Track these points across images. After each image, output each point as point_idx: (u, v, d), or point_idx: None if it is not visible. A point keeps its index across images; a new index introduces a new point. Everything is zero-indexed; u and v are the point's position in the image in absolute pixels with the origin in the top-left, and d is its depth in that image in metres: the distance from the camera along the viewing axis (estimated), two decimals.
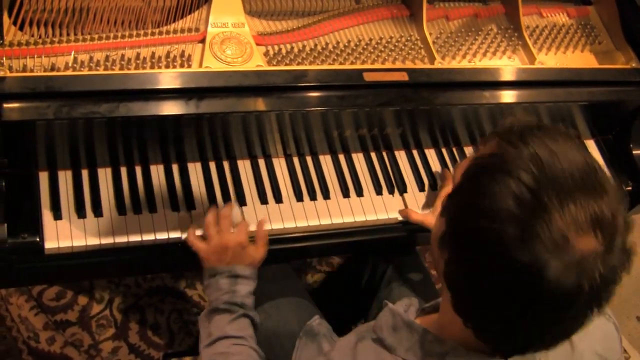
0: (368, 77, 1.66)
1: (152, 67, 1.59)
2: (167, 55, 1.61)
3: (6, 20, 1.57)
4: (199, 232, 1.59)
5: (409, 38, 1.82)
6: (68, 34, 1.59)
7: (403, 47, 1.80)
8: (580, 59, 1.99)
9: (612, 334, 1.24)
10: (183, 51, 1.63)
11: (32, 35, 1.58)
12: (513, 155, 0.92)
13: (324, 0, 1.83)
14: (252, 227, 1.61)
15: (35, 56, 1.53)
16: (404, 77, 1.68)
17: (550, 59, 1.94)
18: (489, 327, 0.99)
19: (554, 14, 2.03)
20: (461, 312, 1.01)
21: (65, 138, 1.55)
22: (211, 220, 1.57)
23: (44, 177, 1.60)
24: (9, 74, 1.46)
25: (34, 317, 2.22)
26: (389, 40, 1.81)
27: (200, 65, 1.61)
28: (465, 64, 1.84)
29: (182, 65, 1.61)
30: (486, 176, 0.93)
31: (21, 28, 1.58)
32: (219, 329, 1.44)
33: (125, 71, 1.55)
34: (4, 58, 1.50)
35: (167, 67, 1.60)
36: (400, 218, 1.76)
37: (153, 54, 1.61)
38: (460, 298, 1.01)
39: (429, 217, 1.72)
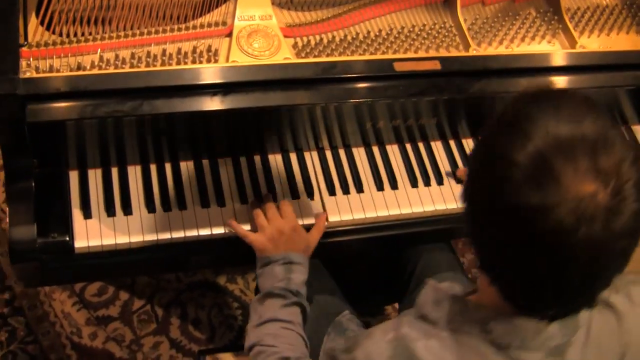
0: (399, 67, 1.61)
1: (178, 63, 1.57)
2: (194, 51, 1.59)
3: (33, 20, 1.58)
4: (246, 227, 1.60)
5: (442, 25, 1.77)
6: (93, 33, 1.59)
7: (437, 35, 1.75)
8: (626, 41, 1.90)
9: None
10: (210, 46, 1.60)
11: (61, 35, 1.58)
12: (530, 118, 0.95)
13: None
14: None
15: (62, 56, 1.53)
16: (436, 65, 1.63)
17: (592, 42, 1.85)
18: (513, 285, 1.02)
19: None
20: (487, 269, 1.04)
21: (93, 137, 1.55)
22: (259, 210, 1.58)
23: (74, 176, 1.61)
24: (35, 75, 1.47)
25: (76, 313, 2.24)
26: (422, 28, 1.75)
27: (227, 59, 1.59)
28: (502, 50, 1.77)
29: (208, 61, 1.59)
30: (504, 133, 0.97)
31: (48, 28, 1.59)
32: (271, 312, 1.45)
33: (151, 68, 1.54)
34: (31, 59, 1.50)
35: (193, 62, 1.58)
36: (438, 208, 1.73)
37: (179, 49, 1.59)
38: (484, 254, 1.03)
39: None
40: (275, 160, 1.72)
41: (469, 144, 1.84)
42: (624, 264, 0.98)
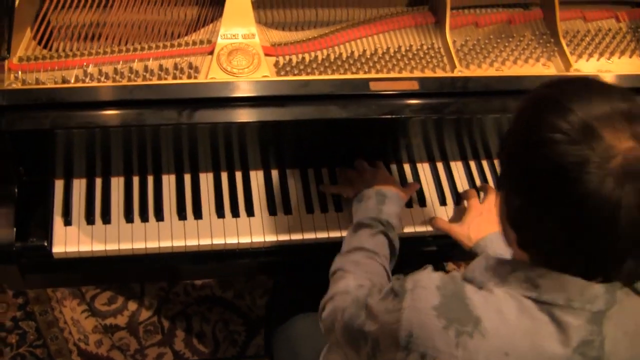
0: (374, 86, 1.62)
1: (158, 78, 1.62)
2: (175, 67, 1.64)
3: (27, 34, 1.66)
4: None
5: (430, 46, 1.77)
6: (81, 48, 1.66)
7: (423, 56, 1.74)
8: (629, 64, 1.85)
9: None
10: (190, 63, 1.65)
11: (50, 49, 1.66)
12: (568, 96, 1.01)
13: (341, 10, 1.81)
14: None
15: (49, 69, 1.60)
16: (413, 85, 1.63)
17: (590, 66, 1.81)
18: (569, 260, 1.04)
19: (601, 18, 1.91)
20: (530, 245, 1.08)
21: (72, 148, 1.61)
22: (350, 172, 1.75)
23: (59, 185, 1.68)
24: (19, 87, 1.55)
25: (85, 320, 2.32)
26: (408, 48, 1.75)
27: (206, 76, 1.63)
28: (491, 72, 1.76)
29: (189, 77, 1.63)
30: (542, 108, 1.03)
31: (40, 42, 1.67)
32: (358, 241, 1.52)
33: (124, 83, 1.59)
34: (19, 72, 1.58)
35: (174, 78, 1.63)
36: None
37: (161, 66, 1.64)
38: (530, 236, 1.07)
39: (455, 227, 1.67)
40: (256, 176, 1.76)
41: (457, 167, 1.84)
42: None
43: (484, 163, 1.86)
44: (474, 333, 1.04)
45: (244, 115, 1.56)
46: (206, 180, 1.73)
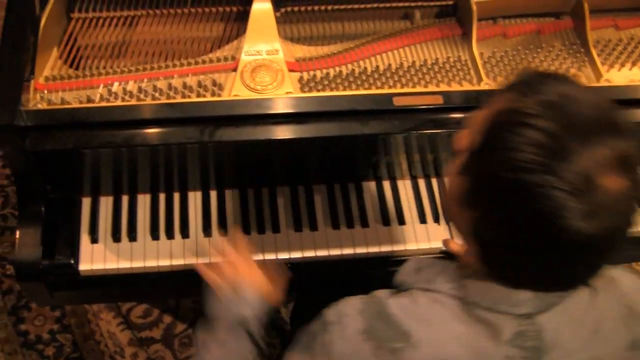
0: (398, 101, 1.61)
1: (182, 96, 1.63)
2: (199, 85, 1.65)
3: (54, 54, 1.69)
4: None
5: (457, 59, 1.74)
6: (107, 67, 1.68)
7: (449, 69, 1.72)
8: None
9: None
10: (214, 80, 1.66)
11: (77, 69, 1.68)
12: (527, 105, 0.94)
13: (367, 23, 1.81)
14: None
15: (74, 89, 1.63)
16: (437, 100, 1.62)
17: (622, 76, 1.75)
18: (519, 275, 1.03)
19: (634, 26, 1.86)
20: (491, 264, 1.04)
21: (97, 166, 1.64)
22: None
23: (86, 202, 1.70)
24: (45, 107, 1.57)
25: (120, 333, 2.35)
26: (435, 62, 1.73)
27: (230, 93, 1.63)
28: None
29: (212, 94, 1.64)
30: (504, 131, 0.95)
31: (66, 62, 1.69)
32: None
33: (148, 102, 1.60)
34: (45, 91, 1.61)
35: (197, 96, 1.64)
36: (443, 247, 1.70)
37: (184, 83, 1.65)
38: (490, 251, 1.03)
39: None
40: (283, 192, 1.75)
41: None
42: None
43: None
44: (406, 348, 1.04)
45: (266, 133, 1.56)
46: (231, 196, 1.73)
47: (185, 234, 1.67)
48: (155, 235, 1.67)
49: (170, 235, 1.67)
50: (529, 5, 1.84)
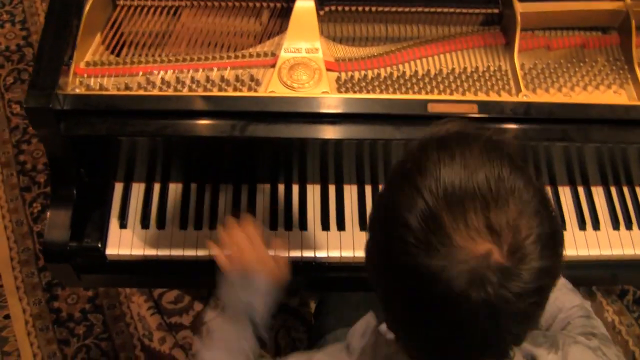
0: (432, 108, 1.59)
1: (219, 89, 1.64)
2: (236, 79, 1.66)
3: (97, 39, 1.71)
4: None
5: (497, 68, 1.72)
6: (148, 55, 1.70)
7: (489, 78, 1.70)
8: None
9: None
10: (252, 75, 1.66)
11: (118, 55, 1.70)
12: (422, 168, 0.91)
13: (411, 27, 1.79)
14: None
15: (114, 75, 1.65)
16: (472, 109, 1.60)
17: None
18: (406, 336, 1.00)
19: None
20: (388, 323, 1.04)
21: (131, 153, 1.66)
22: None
23: (118, 188, 1.73)
24: (83, 92, 1.60)
25: (150, 317, 2.38)
26: (474, 69, 1.72)
27: (266, 89, 1.64)
28: (558, 97, 1.70)
29: (249, 89, 1.65)
30: (399, 187, 0.93)
31: (108, 48, 1.72)
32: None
33: (185, 93, 1.61)
34: (85, 76, 1.63)
35: (234, 90, 1.64)
36: None
37: (222, 76, 1.66)
38: (382, 303, 1.01)
39: None
40: (313, 189, 1.75)
41: None
42: (534, 320, 0.93)
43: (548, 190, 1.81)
44: None
45: (297, 131, 1.56)
46: (262, 191, 1.74)
47: (213, 225, 1.69)
48: (183, 225, 1.69)
49: (198, 226, 1.69)
50: (576, 19, 1.80)
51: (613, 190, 1.82)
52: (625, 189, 1.83)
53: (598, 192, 1.81)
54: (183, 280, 1.89)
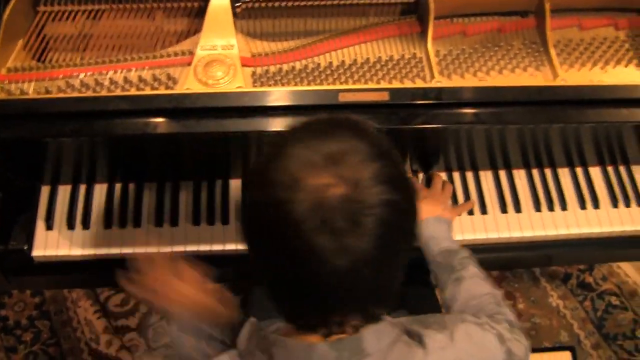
0: (344, 97, 1.62)
1: (137, 89, 1.66)
2: (154, 79, 1.69)
3: (19, 45, 1.74)
4: None
5: (412, 56, 1.75)
6: (67, 59, 1.72)
7: (403, 66, 1.73)
8: (624, 74, 1.77)
9: (486, 345, 1.19)
10: (169, 74, 1.69)
11: (39, 60, 1.73)
12: (285, 141, 1.00)
13: (329, 20, 1.82)
14: None
15: (34, 80, 1.67)
16: (383, 96, 1.63)
17: (581, 75, 1.74)
18: (271, 287, 1.04)
19: (598, 26, 1.85)
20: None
21: (53, 156, 1.68)
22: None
23: (45, 191, 1.76)
24: (4, 97, 1.62)
25: (96, 320, 2.41)
26: (389, 58, 1.75)
27: (182, 87, 1.66)
28: (473, 82, 1.73)
29: (166, 88, 1.67)
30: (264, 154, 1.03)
31: (31, 53, 1.74)
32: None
33: (103, 94, 1.64)
34: (6, 82, 1.66)
35: (151, 89, 1.66)
36: None
37: (140, 77, 1.68)
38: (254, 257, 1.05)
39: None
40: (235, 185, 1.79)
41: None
42: (387, 269, 0.98)
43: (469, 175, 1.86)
44: None
45: (210, 126, 1.59)
46: (185, 188, 1.78)
47: (137, 224, 1.72)
48: (108, 224, 1.72)
49: (123, 224, 1.72)
50: (490, 4, 1.83)
51: (535, 172, 1.87)
52: (548, 171, 1.88)
53: (520, 176, 1.86)
54: (112, 279, 1.91)
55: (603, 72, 1.77)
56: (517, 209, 1.80)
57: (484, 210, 1.80)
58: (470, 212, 1.79)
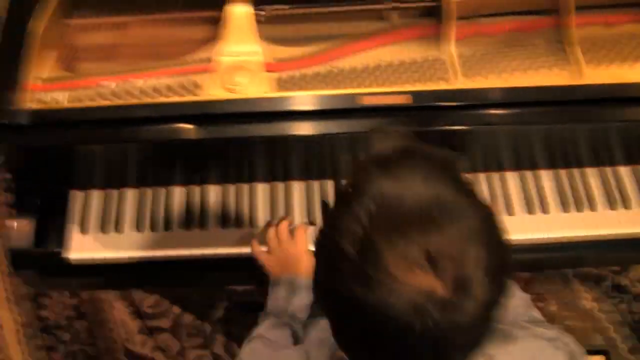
0: (367, 100, 1.63)
1: (165, 97, 1.69)
2: (181, 86, 1.72)
3: (51, 57, 1.79)
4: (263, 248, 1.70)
5: (435, 58, 1.76)
6: (97, 69, 1.76)
7: (427, 68, 1.74)
8: None
9: None
10: (195, 81, 1.72)
11: (72, 71, 1.78)
12: (360, 191, 0.88)
13: (349, 24, 1.83)
14: None
15: (67, 89, 1.71)
16: (407, 99, 1.64)
17: (606, 74, 1.72)
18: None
19: (625, 22, 1.83)
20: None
21: (87, 162, 1.75)
22: (272, 233, 1.68)
23: (78, 196, 1.81)
24: (38, 107, 1.67)
25: (131, 321, 2.48)
26: (411, 61, 1.76)
27: (208, 94, 1.69)
28: (497, 82, 1.73)
29: (192, 95, 1.69)
30: (337, 208, 0.94)
31: (62, 65, 1.79)
32: (262, 330, 1.50)
33: (131, 101, 1.68)
34: (41, 92, 1.70)
35: (179, 96, 1.69)
36: None
37: (167, 85, 1.72)
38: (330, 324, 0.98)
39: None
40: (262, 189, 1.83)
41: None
42: (478, 347, 0.91)
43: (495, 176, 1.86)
44: None
45: (237, 131, 1.63)
46: (215, 191, 1.82)
47: (168, 227, 1.77)
48: (140, 228, 1.77)
49: (155, 228, 1.77)
50: (513, 3, 1.83)
51: (563, 173, 1.87)
52: (575, 172, 1.87)
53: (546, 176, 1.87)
54: (145, 281, 1.97)
55: (631, 69, 1.76)
56: (545, 209, 1.81)
57: (510, 212, 1.81)
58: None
